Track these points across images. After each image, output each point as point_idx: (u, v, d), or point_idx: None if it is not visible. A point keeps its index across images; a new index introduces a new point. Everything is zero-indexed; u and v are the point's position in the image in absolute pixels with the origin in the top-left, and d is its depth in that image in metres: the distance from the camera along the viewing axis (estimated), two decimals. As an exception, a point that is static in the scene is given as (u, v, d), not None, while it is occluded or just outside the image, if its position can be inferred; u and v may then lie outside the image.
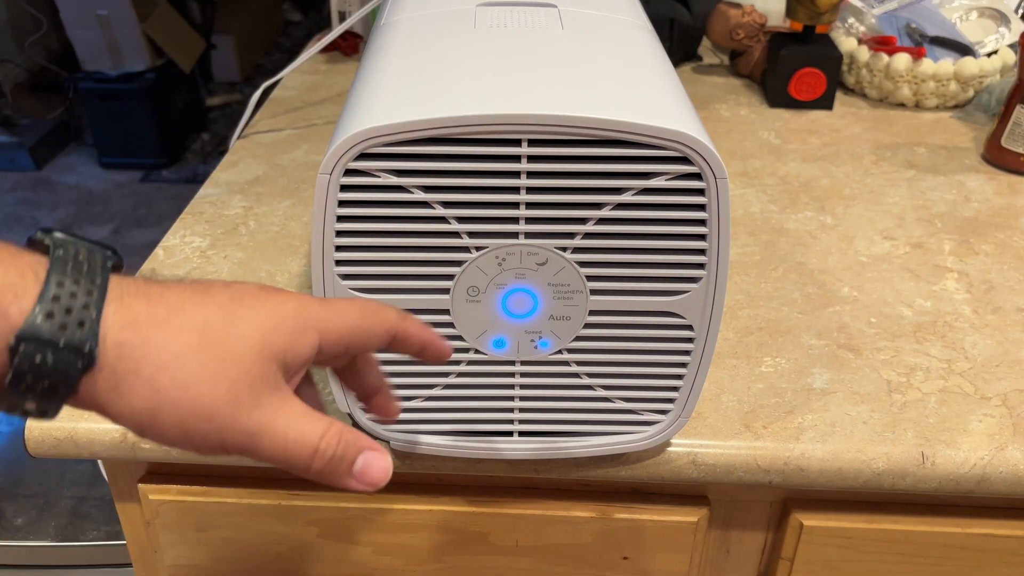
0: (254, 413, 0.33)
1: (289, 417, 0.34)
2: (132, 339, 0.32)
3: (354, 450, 0.36)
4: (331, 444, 0.35)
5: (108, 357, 0.31)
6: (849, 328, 0.63)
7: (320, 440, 0.34)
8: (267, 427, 0.33)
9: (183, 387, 0.32)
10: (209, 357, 0.33)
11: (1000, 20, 1.04)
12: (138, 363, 0.32)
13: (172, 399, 0.32)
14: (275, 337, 0.34)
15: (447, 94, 0.42)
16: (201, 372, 0.32)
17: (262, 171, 0.84)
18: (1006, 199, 0.81)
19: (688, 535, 0.58)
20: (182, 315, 0.33)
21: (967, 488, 0.53)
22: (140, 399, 0.32)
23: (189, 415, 0.32)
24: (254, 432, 0.33)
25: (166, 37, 2.75)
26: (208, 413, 0.32)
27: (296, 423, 0.34)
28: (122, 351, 0.31)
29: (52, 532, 1.48)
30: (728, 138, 0.92)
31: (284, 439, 0.34)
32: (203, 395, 0.32)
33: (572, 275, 0.44)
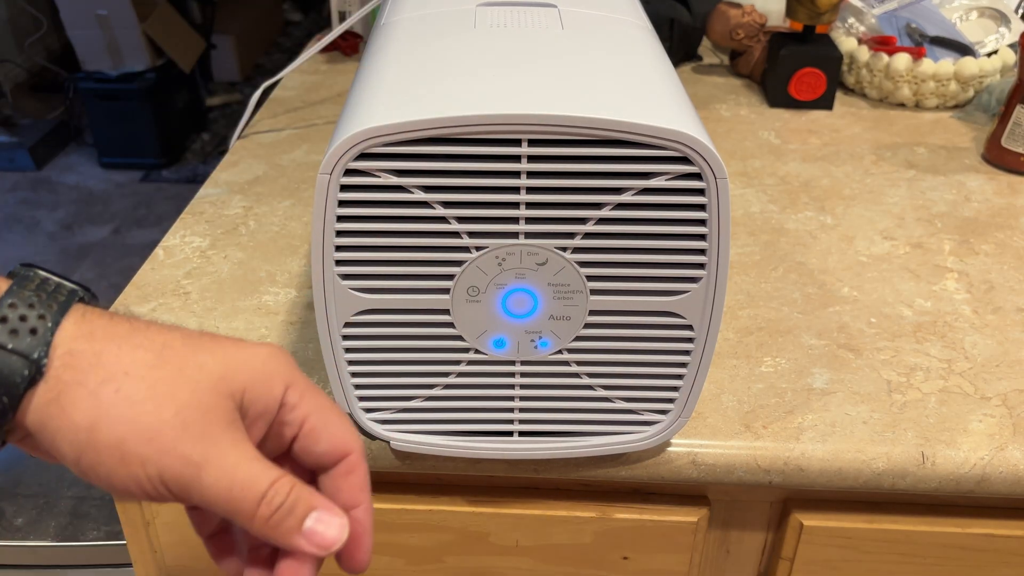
0: (200, 443, 0.31)
1: (239, 456, 0.31)
2: (84, 349, 0.30)
3: (306, 505, 0.32)
4: (281, 492, 0.32)
5: (55, 367, 0.30)
6: (849, 328, 0.63)
7: (270, 486, 0.31)
8: (212, 460, 0.31)
9: (128, 402, 0.30)
10: (161, 377, 0.31)
11: (1000, 20, 1.04)
12: (85, 374, 0.30)
13: (114, 414, 0.30)
14: (237, 374, 0.32)
15: (447, 94, 0.42)
16: (149, 390, 0.30)
17: (262, 171, 0.84)
18: (1006, 199, 0.81)
19: (688, 535, 0.58)
20: (143, 334, 0.31)
21: (967, 488, 0.53)
22: (81, 412, 0.30)
23: (129, 434, 0.30)
24: (197, 463, 0.30)
25: (166, 37, 2.75)
26: (150, 434, 0.30)
27: (246, 464, 0.31)
28: (71, 360, 0.30)
29: (52, 532, 1.48)
30: (728, 138, 0.92)
31: (231, 477, 0.31)
32: (147, 412, 0.30)
33: (572, 275, 0.44)
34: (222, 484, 0.31)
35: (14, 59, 2.95)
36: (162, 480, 0.31)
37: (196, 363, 0.32)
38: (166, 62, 2.77)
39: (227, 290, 0.66)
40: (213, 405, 0.31)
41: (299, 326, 0.62)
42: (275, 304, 0.65)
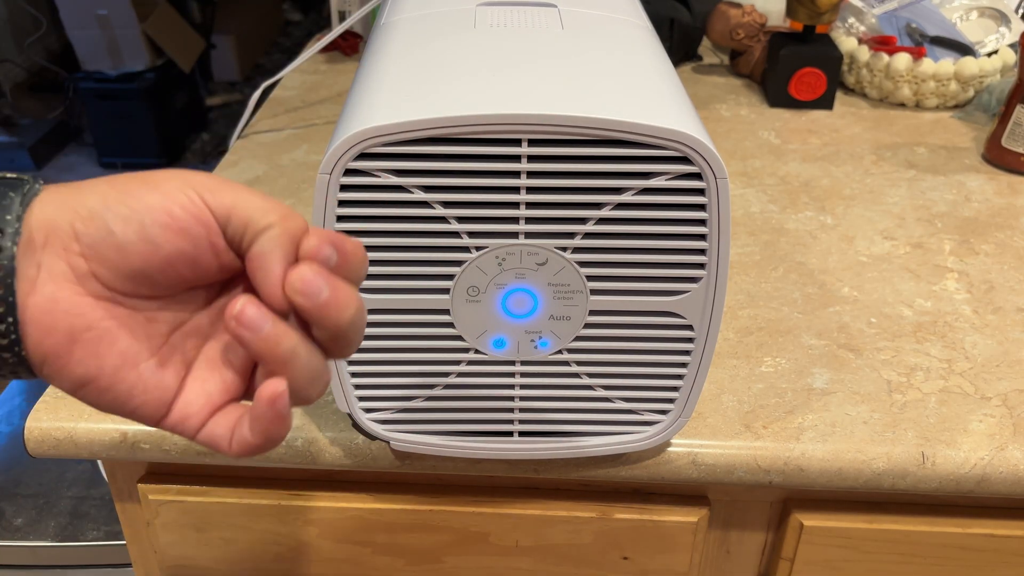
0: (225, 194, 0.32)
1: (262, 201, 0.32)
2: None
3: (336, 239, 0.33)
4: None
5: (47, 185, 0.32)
6: (849, 328, 0.63)
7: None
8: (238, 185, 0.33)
9: (138, 177, 0.32)
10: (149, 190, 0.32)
11: (1000, 20, 1.04)
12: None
13: (124, 177, 0.32)
14: (202, 178, 0.33)
15: (447, 94, 0.42)
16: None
17: (262, 171, 0.84)
18: (1006, 199, 0.81)
19: (688, 535, 0.58)
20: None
21: (967, 488, 0.53)
22: (92, 182, 0.32)
23: (150, 176, 0.32)
24: (224, 180, 0.32)
25: (166, 37, 2.75)
26: (171, 173, 0.32)
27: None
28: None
29: (52, 532, 1.48)
30: (728, 138, 0.92)
31: (258, 193, 0.32)
32: (160, 173, 0.32)
33: (572, 275, 0.44)
34: (254, 191, 0.32)
35: (14, 59, 2.95)
36: (193, 187, 0.31)
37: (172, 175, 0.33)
38: (166, 62, 2.77)
39: (227, 290, 0.66)
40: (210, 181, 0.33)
41: (299, 326, 0.62)
42: (275, 304, 0.65)
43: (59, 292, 0.31)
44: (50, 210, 0.31)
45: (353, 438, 0.54)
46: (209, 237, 0.32)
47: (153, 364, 0.33)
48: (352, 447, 0.54)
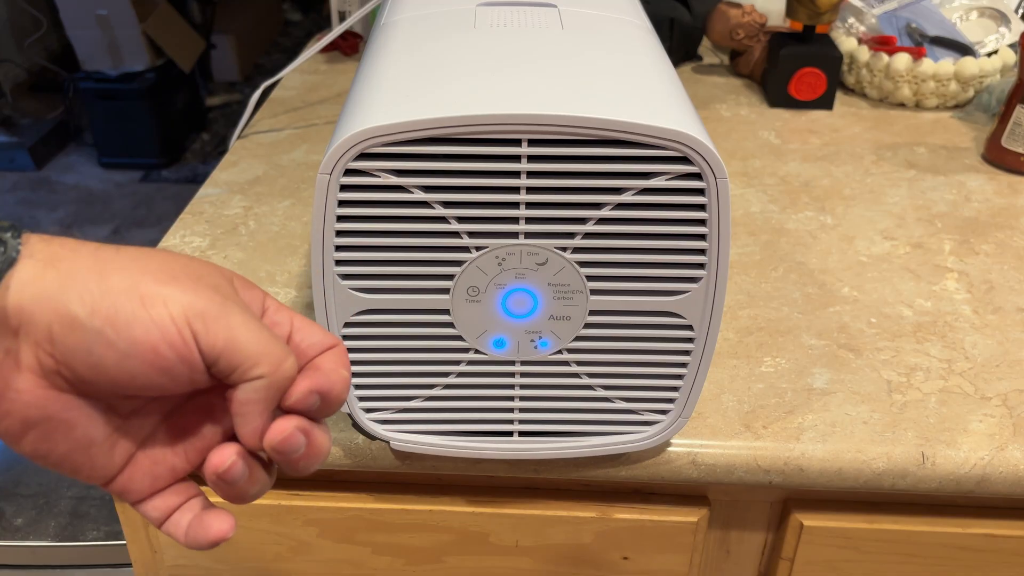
0: (218, 292, 0.31)
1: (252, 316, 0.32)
2: (60, 249, 0.31)
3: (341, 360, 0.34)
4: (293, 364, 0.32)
5: (33, 248, 0.30)
6: (849, 328, 0.63)
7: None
8: (235, 304, 0.32)
9: (130, 257, 0.31)
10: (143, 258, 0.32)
11: (1000, 20, 1.04)
12: (75, 247, 0.31)
13: (121, 263, 0.31)
14: (221, 270, 0.33)
15: (447, 94, 0.42)
16: (149, 257, 0.32)
17: (262, 171, 0.84)
18: (1006, 199, 0.81)
19: (688, 535, 0.58)
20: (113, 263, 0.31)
21: (967, 488, 0.53)
22: (85, 264, 0.30)
23: (143, 277, 0.30)
24: (221, 302, 0.31)
25: (166, 37, 2.75)
26: (166, 276, 0.31)
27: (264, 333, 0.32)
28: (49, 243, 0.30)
29: (52, 532, 1.48)
30: (728, 138, 0.92)
31: (257, 323, 0.32)
32: (156, 261, 0.31)
33: (572, 275, 0.44)
34: (252, 324, 0.31)
35: (14, 59, 2.95)
36: (187, 319, 0.30)
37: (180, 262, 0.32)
38: (166, 62, 2.77)
39: (227, 290, 0.66)
40: (214, 273, 0.32)
41: (299, 326, 0.62)
42: (275, 304, 0.65)
43: (22, 383, 0.30)
44: (29, 297, 0.29)
45: (353, 438, 0.54)
46: (191, 375, 0.31)
47: (105, 447, 0.33)
48: (352, 447, 0.54)
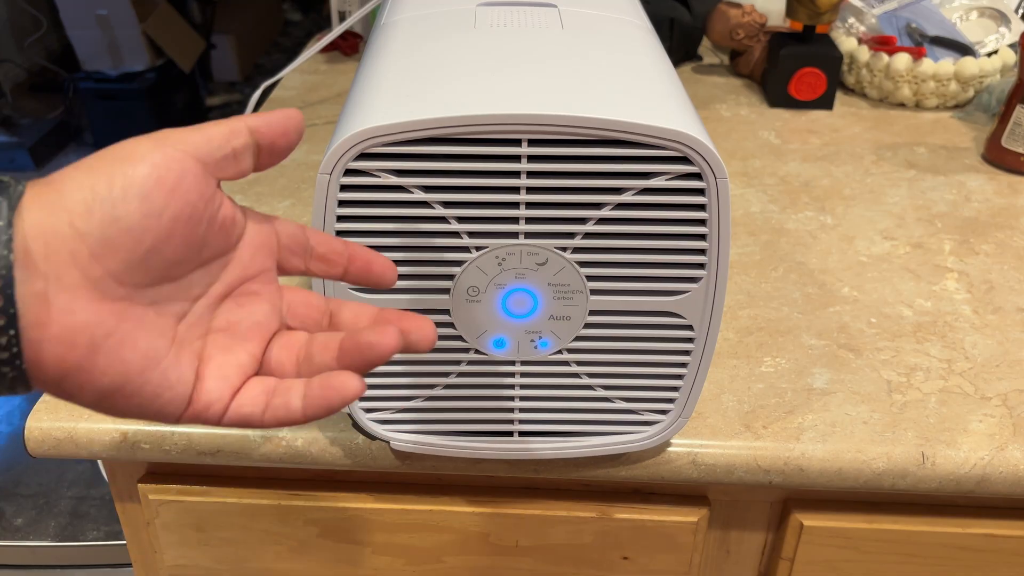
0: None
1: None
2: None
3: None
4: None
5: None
6: (849, 328, 0.63)
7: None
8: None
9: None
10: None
11: (1000, 20, 1.04)
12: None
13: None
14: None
15: (447, 94, 0.42)
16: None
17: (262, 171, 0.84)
18: (1006, 199, 0.81)
19: (688, 535, 0.58)
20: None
21: (967, 488, 0.53)
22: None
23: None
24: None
25: (166, 37, 2.75)
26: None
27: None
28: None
29: (52, 532, 1.48)
30: (728, 138, 0.92)
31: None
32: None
33: (572, 275, 0.44)
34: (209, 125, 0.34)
35: (14, 59, 2.95)
36: (173, 146, 0.32)
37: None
38: (166, 62, 2.77)
39: (227, 290, 0.66)
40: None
41: (299, 326, 0.62)
42: (275, 304, 0.65)
43: (75, 303, 0.30)
44: (40, 215, 0.29)
45: (353, 438, 0.54)
46: (199, 187, 0.32)
47: (172, 358, 0.33)
48: (352, 447, 0.54)
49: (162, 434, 0.54)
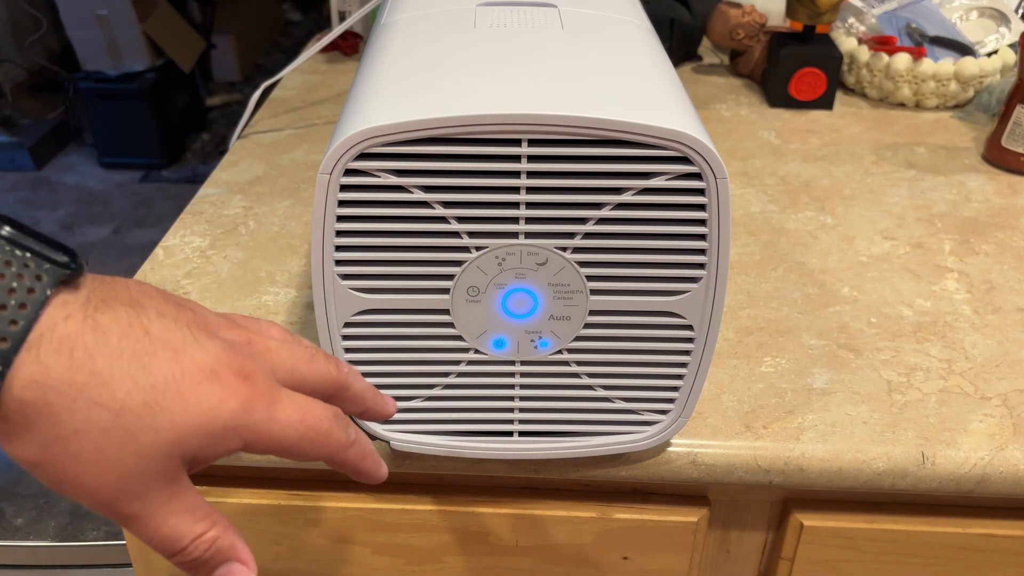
0: (134, 503, 0.32)
1: (169, 513, 0.33)
2: (35, 400, 0.29)
3: (222, 557, 0.34)
4: (200, 548, 0.34)
5: (5, 409, 0.29)
6: (849, 328, 0.63)
7: (191, 541, 0.33)
8: (142, 518, 0.32)
9: (73, 459, 0.30)
10: (111, 443, 0.31)
11: (1000, 20, 1.04)
12: (34, 425, 0.30)
13: (57, 465, 0.30)
14: (192, 440, 0.32)
15: (447, 94, 0.42)
16: (97, 454, 0.30)
17: (262, 171, 0.84)
18: (1006, 199, 0.81)
19: (688, 535, 0.58)
20: (102, 389, 0.30)
21: (967, 488, 0.53)
22: (26, 453, 0.30)
23: (67, 484, 0.31)
24: (127, 517, 0.32)
25: (166, 37, 2.75)
26: (87, 491, 0.31)
27: (174, 520, 0.33)
28: (20, 408, 0.29)
29: (52, 532, 1.48)
30: (728, 138, 0.92)
31: (155, 532, 0.33)
32: (89, 474, 0.31)
33: (572, 275, 0.44)
34: (146, 536, 0.33)
35: (14, 59, 2.95)
36: (94, 511, 0.34)
37: (152, 428, 0.31)
38: (166, 62, 2.77)
39: (227, 290, 0.66)
40: (159, 469, 0.32)
41: (299, 326, 0.62)
42: (275, 304, 0.65)
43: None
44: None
45: (353, 438, 0.54)
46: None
47: None
48: (352, 447, 0.54)
49: (162, 434, 0.54)
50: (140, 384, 0.31)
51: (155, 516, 0.33)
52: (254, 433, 0.34)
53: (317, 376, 0.38)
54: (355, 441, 0.38)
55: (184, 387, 0.32)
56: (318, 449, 0.36)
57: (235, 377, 0.33)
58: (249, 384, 0.33)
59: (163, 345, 0.32)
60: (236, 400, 0.33)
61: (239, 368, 0.33)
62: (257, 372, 0.34)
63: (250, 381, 0.33)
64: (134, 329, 0.31)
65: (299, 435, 0.35)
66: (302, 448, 0.35)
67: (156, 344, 0.32)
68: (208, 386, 0.32)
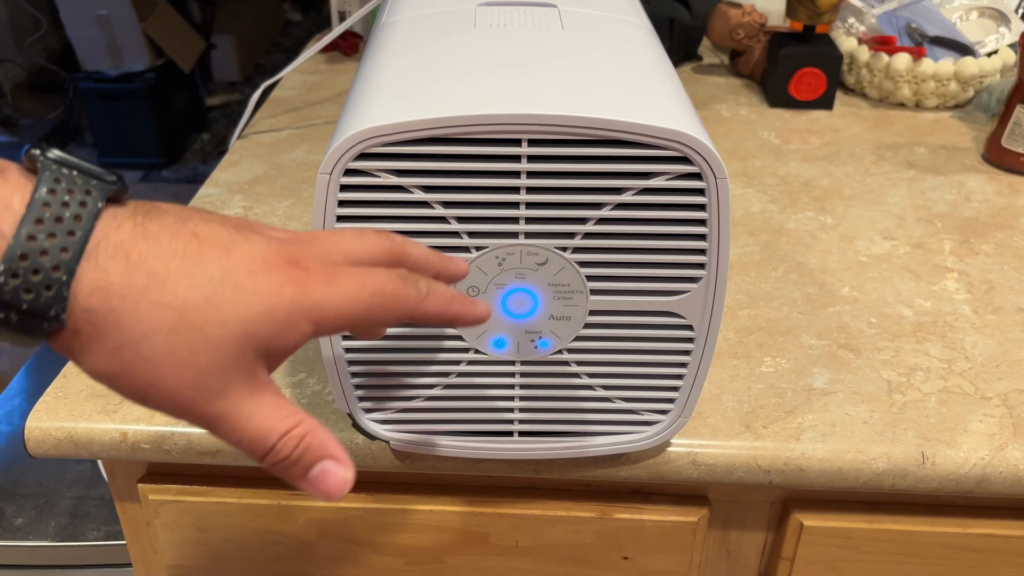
0: (216, 402, 0.32)
1: (254, 410, 0.33)
2: (100, 307, 0.30)
3: (313, 455, 0.34)
4: (289, 445, 0.33)
5: (75, 321, 0.30)
6: (849, 328, 0.63)
7: (280, 438, 0.33)
8: (228, 417, 0.32)
9: (147, 363, 0.31)
10: (181, 341, 0.31)
11: (1000, 20, 1.04)
12: (103, 332, 0.30)
13: (134, 372, 0.31)
14: (260, 328, 0.32)
15: (447, 94, 0.42)
16: (169, 355, 0.31)
17: (262, 171, 0.84)
18: (1006, 199, 0.81)
19: (688, 535, 0.58)
20: (162, 289, 0.31)
21: (967, 488, 0.53)
22: (102, 365, 0.31)
23: (149, 390, 0.31)
24: (212, 419, 0.32)
25: (166, 37, 2.75)
26: (169, 394, 0.31)
27: (259, 417, 0.33)
28: (89, 317, 0.30)
29: (52, 532, 1.48)
30: (728, 138, 0.92)
31: (242, 431, 0.33)
32: (166, 376, 0.31)
33: (572, 275, 0.44)
34: (234, 437, 0.33)
35: (14, 59, 2.95)
36: (182, 420, 0.33)
37: (219, 322, 0.31)
38: (166, 62, 2.77)
39: (227, 290, 0.66)
40: (233, 363, 0.32)
41: (299, 326, 0.62)
42: (275, 304, 0.65)
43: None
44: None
45: (353, 438, 0.54)
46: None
47: None
48: (352, 447, 0.54)
49: (162, 434, 0.54)
50: (197, 281, 0.31)
51: (239, 414, 0.32)
52: (320, 312, 0.33)
53: (371, 248, 0.37)
54: (429, 292, 0.36)
55: (240, 278, 0.32)
56: (391, 311, 0.35)
57: (287, 264, 0.33)
58: (302, 268, 0.33)
59: (212, 244, 0.32)
60: (293, 284, 0.33)
61: (290, 256, 0.33)
62: (309, 257, 0.34)
63: (303, 265, 0.33)
64: (183, 233, 0.32)
65: (366, 303, 0.34)
66: (374, 314, 0.34)
67: (205, 244, 0.32)
68: (263, 275, 0.32)
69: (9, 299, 0.29)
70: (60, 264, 0.29)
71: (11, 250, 0.29)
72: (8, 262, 0.29)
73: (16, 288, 0.29)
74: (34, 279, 0.29)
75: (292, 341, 0.33)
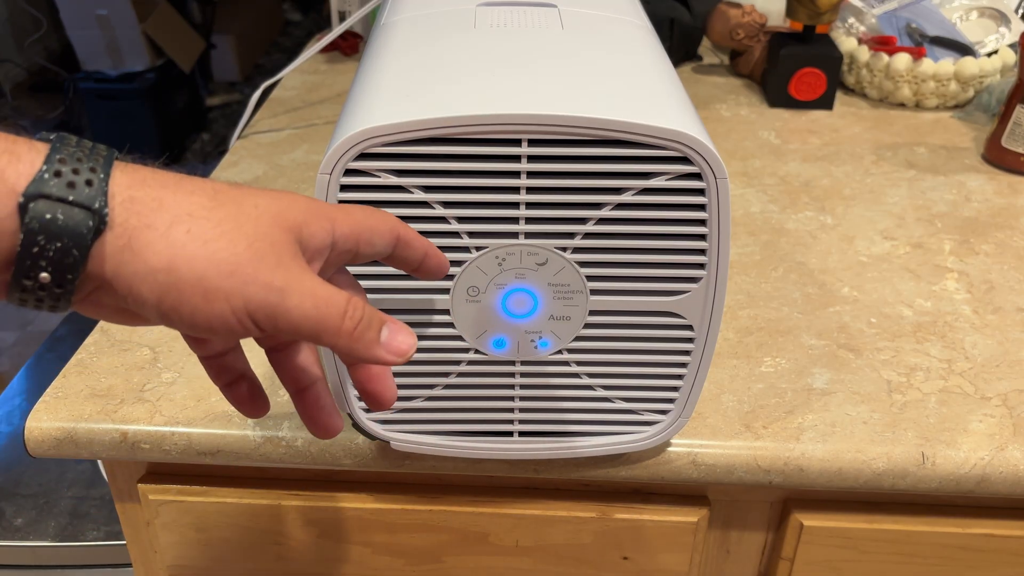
0: (278, 270, 0.32)
1: (314, 283, 0.33)
2: (142, 196, 0.31)
3: (379, 319, 0.35)
4: (359, 307, 0.33)
5: (119, 214, 0.30)
6: (849, 328, 0.63)
7: (348, 303, 0.33)
8: (293, 285, 0.32)
9: (200, 240, 0.31)
10: (224, 215, 0.31)
11: (1000, 20, 1.04)
12: (151, 218, 0.31)
13: (189, 253, 0.31)
14: (290, 213, 0.33)
15: (447, 94, 0.42)
16: (217, 228, 0.31)
17: (262, 171, 0.84)
18: (1006, 199, 0.81)
19: (688, 535, 0.58)
20: (191, 181, 0.32)
21: (967, 488, 0.53)
22: (156, 254, 0.30)
23: (208, 270, 0.31)
24: (280, 288, 0.32)
25: (166, 37, 2.75)
26: (229, 268, 0.31)
27: (322, 286, 0.33)
28: (133, 207, 0.30)
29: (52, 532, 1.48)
30: (728, 138, 0.92)
31: (313, 297, 0.32)
32: (222, 248, 0.31)
33: (572, 275, 0.44)
34: (307, 304, 0.32)
35: (14, 59, 2.95)
36: (248, 311, 0.32)
37: (252, 203, 0.33)
38: (166, 62, 2.77)
39: (227, 290, 0.66)
40: (278, 238, 0.32)
41: (299, 326, 0.62)
42: (275, 304, 0.65)
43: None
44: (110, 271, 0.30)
45: (353, 438, 0.54)
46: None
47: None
48: (352, 447, 0.54)
49: (162, 434, 0.54)
50: (219, 187, 0.33)
51: (304, 283, 0.32)
52: (334, 211, 0.35)
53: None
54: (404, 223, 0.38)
55: (258, 190, 0.34)
56: (386, 222, 0.37)
57: (296, 196, 0.35)
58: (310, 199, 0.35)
59: (222, 184, 0.34)
60: (305, 196, 0.35)
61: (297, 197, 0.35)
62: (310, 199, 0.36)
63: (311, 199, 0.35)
64: (187, 180, 0.33)
65: (364, 213, 0.36)
66: (373, 224, 0.36)
67: (216, 184, 0.34)
68: (279, 193, 0.34)
69: (55, 192, 0.29)
70: (95, 166, 0.30)
71: (50, 158, 0.30)
72: (49, 163, 0.30)
73: (61, 185, 0.29)
74: (75, 177, 0.30)
75: (319, 233, 0.34)
